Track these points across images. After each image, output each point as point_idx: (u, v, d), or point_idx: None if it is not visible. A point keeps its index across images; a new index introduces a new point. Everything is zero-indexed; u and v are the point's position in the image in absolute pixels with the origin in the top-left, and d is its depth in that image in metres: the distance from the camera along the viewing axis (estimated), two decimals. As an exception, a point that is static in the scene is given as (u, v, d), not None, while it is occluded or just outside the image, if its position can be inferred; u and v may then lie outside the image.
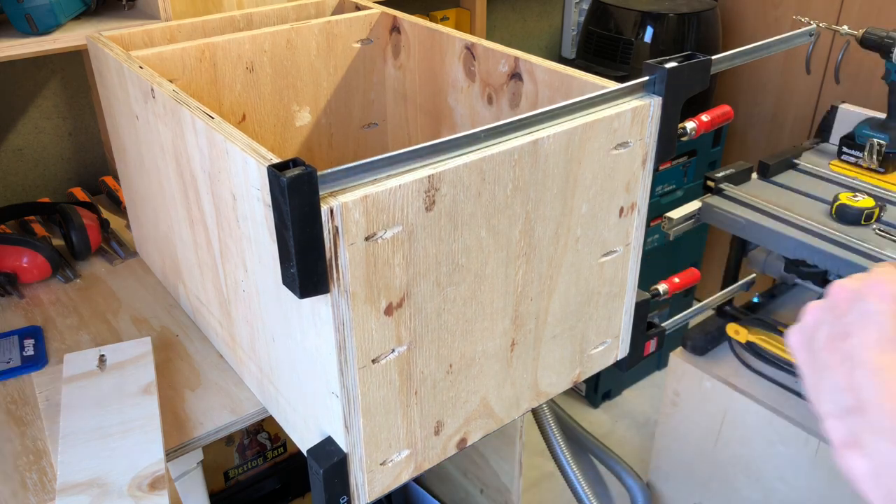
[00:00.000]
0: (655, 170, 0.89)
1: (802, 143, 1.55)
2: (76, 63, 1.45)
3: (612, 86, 0.82)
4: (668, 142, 0.87)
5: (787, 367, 1.41)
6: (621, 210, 0.87)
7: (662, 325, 1.06)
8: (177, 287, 1.11)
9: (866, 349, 0.49)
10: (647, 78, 0.83)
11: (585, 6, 2.19)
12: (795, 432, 1.34)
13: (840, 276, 0.95)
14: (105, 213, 1.36)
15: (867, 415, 0.48)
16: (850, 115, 1.51)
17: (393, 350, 0.72)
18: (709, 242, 2.32)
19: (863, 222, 1.25)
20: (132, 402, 0.90)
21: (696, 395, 1.50)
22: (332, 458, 0.73)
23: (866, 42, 1.36)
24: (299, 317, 0.72)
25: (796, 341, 0.54)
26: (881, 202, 1.27)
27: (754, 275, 1.53)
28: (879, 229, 1.25)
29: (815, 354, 0.52)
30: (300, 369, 0.77)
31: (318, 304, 0.67)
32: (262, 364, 0.88)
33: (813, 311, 0.53)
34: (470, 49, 1.04)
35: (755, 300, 1.55)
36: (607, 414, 2.10)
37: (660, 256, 2.09)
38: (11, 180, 1.46)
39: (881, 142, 1.39)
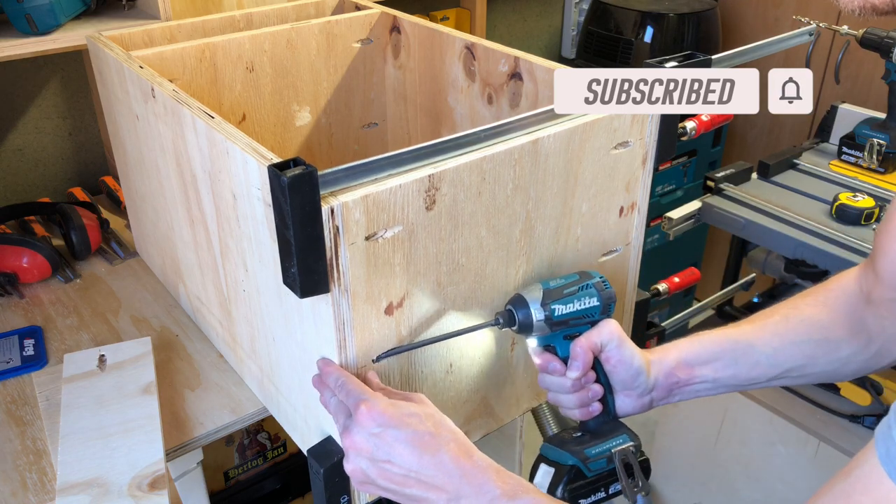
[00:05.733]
0: (655, 170, 0.89)
1: (802, 143, 1.55)
2: (76, 63, 1.45)
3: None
4: (669, 141, 0.87)
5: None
6: (621, 209, 0.87)
7: (662, 324, 1.06)
8: (177, 287, 1.11)
9: (406, 459, 0.63)
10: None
11: (585, 6, 2.19)
12: (795, 432, 1.34)
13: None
14: (105, 213, 1.36)
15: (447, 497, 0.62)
16: (850, 115, 1.51)
17: (393, 349, 0.72)
18: (709, 242, 2.32)
19: (863, 222, 1.25)
20: (132, 402, 0.90)
21: (696, 395, 1.50)
22: (332, 457, 0.73)
23: (866, 42, 1.36)
24: (300, 316, 0.72)
25: (366, 489, 0.66)
26: (881, 202, 1.27)
27: (754, 275, 1.53)
28: (879, 229, 1.25)
29: (383, 488, 0.65)
30: (301, 368, 0.77)
31: (319, 304, 0.67)
32: (262, 364, 0.88)
33: (351, 465, 0.65)
34: (470, 49, 1.04)
35: (755, 300, 1.55)
36: (607, 414, 2.09)
37: (660, 256, 2.09)
38: (11, 180, 1.46)
39: (881, 142, 1.39)
